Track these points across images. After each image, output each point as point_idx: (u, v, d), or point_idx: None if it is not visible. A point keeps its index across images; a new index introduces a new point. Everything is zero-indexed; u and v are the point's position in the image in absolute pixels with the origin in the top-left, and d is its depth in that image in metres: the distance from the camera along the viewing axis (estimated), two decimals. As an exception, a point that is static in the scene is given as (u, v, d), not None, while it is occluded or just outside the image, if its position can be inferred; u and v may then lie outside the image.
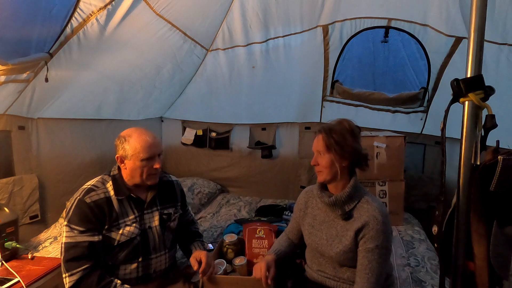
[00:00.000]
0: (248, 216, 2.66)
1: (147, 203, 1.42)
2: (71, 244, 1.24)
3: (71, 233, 1.25)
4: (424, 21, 2.30)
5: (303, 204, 1.43)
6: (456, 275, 0.91)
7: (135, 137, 1.34)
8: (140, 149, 1.32)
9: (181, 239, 1.59)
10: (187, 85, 3.19)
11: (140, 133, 1.36)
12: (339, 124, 1.26)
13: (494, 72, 2.12)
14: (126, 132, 1.37)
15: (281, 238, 1.53)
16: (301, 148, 3.16)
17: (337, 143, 1.22)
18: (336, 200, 1.24)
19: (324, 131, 1.25)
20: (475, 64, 0.86)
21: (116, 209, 1.33)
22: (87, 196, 1.29)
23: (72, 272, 1.22)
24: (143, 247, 1.38)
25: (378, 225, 1.17)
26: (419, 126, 2.79)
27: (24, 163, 2.06)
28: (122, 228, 1.32)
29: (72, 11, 1.65)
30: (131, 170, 1.35)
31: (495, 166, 0.82)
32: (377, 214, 1.18)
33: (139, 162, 1.33)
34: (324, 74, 2.78)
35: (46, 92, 1.98)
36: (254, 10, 2.46)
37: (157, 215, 1.44)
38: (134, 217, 1.37)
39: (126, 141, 1.33)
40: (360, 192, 1.26)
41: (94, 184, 1.35)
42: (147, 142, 1.34)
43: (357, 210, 1.23)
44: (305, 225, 1.39)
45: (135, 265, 1.36)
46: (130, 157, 1.33)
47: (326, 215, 1.32)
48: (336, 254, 1.23)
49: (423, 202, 2.81)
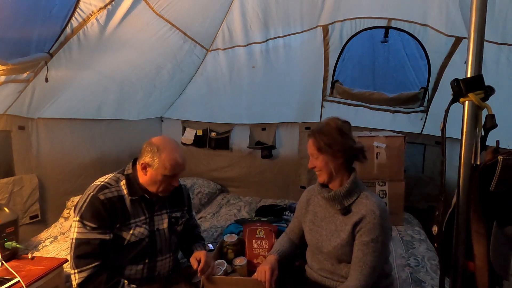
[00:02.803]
0: (248, 216, 2.66)
1: (158, 205, 1.42)
2: (82, 240, 1.22)
3: (83, 229, 1.23)
4: (424, 21, 2.30)
5: (305, 202, 1.45)
6: (456, 275, 0.91)
7: (168, 153, 1.32)
8: (169, 166, 1.31)
9: (184, 242, 1.59)
10: (187, 85, 3.19)
11: (172, 149, 1.34)
12: (327, 125, 1.28)
13: (494, 72, 2.12)
14: (160, 142, 1.34)
15: (282, 238, 1.53)
16: (301, 148, 3.16)
17: (327, 144, 1.24)
18: (335, 195, 1.26)
19: (313, 135, 1.28)
20: (475, 64, 0.86)
21: (128, 208, 1.32)
22: (100, 193, 1.27)
23: (82, 269, 1.20)
24: (150, 249, 1.37)
25: (375, 219, 1.18)
26: (419, 126, 2.79)
27: (24, 163, 2.06)
28: (133, 228, 1.32)
29: (72, 11, 1.65)
30: (150, 179, 1.34)
31: (495, 166, 0.82)
32: (375, 209, 1.20)
33: (161, 176, 1.32)
34: (324, 74, 2.78)
35: (46, 92, 1.98)
36: (254, 10, 2.46)
37: (166, 218, 1.44)
38: (145, 218, 1.36)
39: (158, 152, 1.31)
40: (360, 188, 1.27)
41: (107, 182, 1.33)
42: (177, 163, 1.34)
43: (355, 205, 1.25)
44: (306, 222, 1.40)
45: (141, 267, 1.36)
46: (155, 168, 1.31)
47: (326, 211, 1.33)
48: (334, 248, 1.24)
49: (423, 202, 2.81)
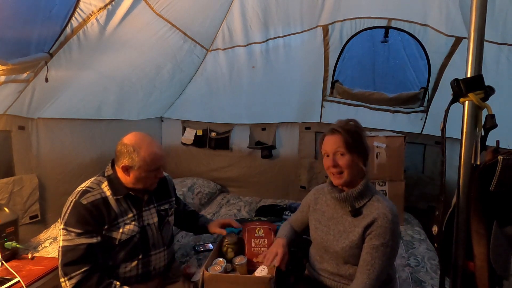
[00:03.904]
0: (248, 216, 2.66)
1: (144, 201, 1.42)
2: (69, 247, 1.22)
3: (68, 236, 1.23)
4: (424, 21, 2.30)
5: (312, 201, 1.44)
6: (456, 275, 0.91)
7: (145, 149, 1.32)
8: (150, 162, 1.32)
9: (185, 223, 1.75)
10: (187, 85, 3.18)
11: (148, 144, 1.34)
12: (352, 124, 1.27)
13: (494, 72, 2.11)
14: (133, 141, 1.33)
15: (285, 225, 1.56)
16: (301, 148, 3.16)
17: (356, 143, 1.23)
18: (347, 196, 1.25)
19: (343, 130, 1.24)
20: (475, 64, 0.86)
21: (114, 208, 1.32)
22: (83, 198, 1.28)
23: (71, 276, 1.20)
24: (142, 244, 1.38)
25: (386, 223, 1.16)
26: (419, 126, 2.79)
27: (24, 163, 2.06)
28: (122, 227, 1.32)
29: (72, 11, 1.64)
30: (135, 178, 1.34)
31: (495, 166, 0.82)
32: (387, 212, 1.18)
33: (145, 173, 1.33)
34: (324, 74, 2.78)
35: (46, 92, 1.97)
36: (254, 10, 2.46)
37: (154, 212, 1.45)
38: (133, 215, 1.37)
39: (135, 151, 1.31)
40: (371, 191, 1.27)
41: (88, 186, 1.33)
42: (158, 156, 1.35)
43: (367, 208, 1.23)
44: (312, 220, 1.40)
45: (135, 263, 1.36)
46: (138, 168, 1.32)
47: (335, 211, 1.33)
48: (342, 250, 1.23)
49: (423, 202, 2.80)
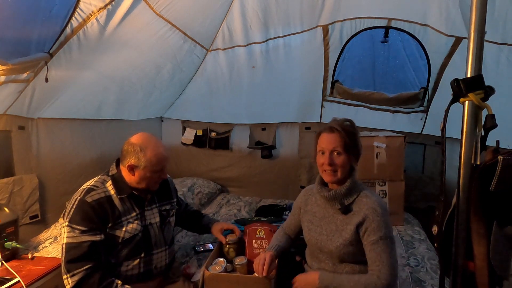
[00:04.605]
0: (248, 216, 2.66)
1: (147, 200, 1.44)
2: (73, 244, 1.23)
3: (72, 233, 1.24)
4: (424, 21, 2.30)
5: (303, 202, 1.45)
6: (456, 275, 0.91)
7: (151, 149, 1.34)
8: (155, 162, 1.34)
9: (187, 223, 1.79)
10: (187, 85, 3.18)
11: (155, 145, 1.36)
12: (349, 124, 1.28)
13: (494, 72, 2.11)
14: (140, 141, 1.36)
15: (278, 233, 1.55)
16: (301, 148, 3.16)
17: (353, 143, 1.24)
18: (335, 194, 1.26)
19: (342, 130, 1.24)
20: (475, 64, 0.86)
21: (118, 207, 1.34)
22: (87, 196, 1.29)
23: (74, 273, 1.21)
24: (145, 243, 1.40)
25: (378, 217, 1.19)
26: (419, 126, 2.79)
27: (24, 163, 2.05)
28: (126, 225, 1.34)
29: (72, 11, 1.64)
30: (140, 178, 1.36)
31: (495, 166, 0.82)
32: (376, 207, 1.20)
33: (150, 173, 1.35)
34: (324, 74, 2.78)
35: (46, 92, 1.97)
36: (254, 10, 2.46)
37: (157, 212, 1.47)
38: (136, 214, 1.38)
39: (142, 151, 1.33)
40: (359, 187, 1.28)
41: (93, 184, 1.35)
42: (163, 157, 1.37)
43: (356, 204, 1.25)
44: (304, 222, 1.41)
45: (137, 261, 1.38)
46: (143, 168, 1.34)
47: (325, 211, 1.33)
48: (336, 248, 1.24)
49: (423, 202, 2.81)
